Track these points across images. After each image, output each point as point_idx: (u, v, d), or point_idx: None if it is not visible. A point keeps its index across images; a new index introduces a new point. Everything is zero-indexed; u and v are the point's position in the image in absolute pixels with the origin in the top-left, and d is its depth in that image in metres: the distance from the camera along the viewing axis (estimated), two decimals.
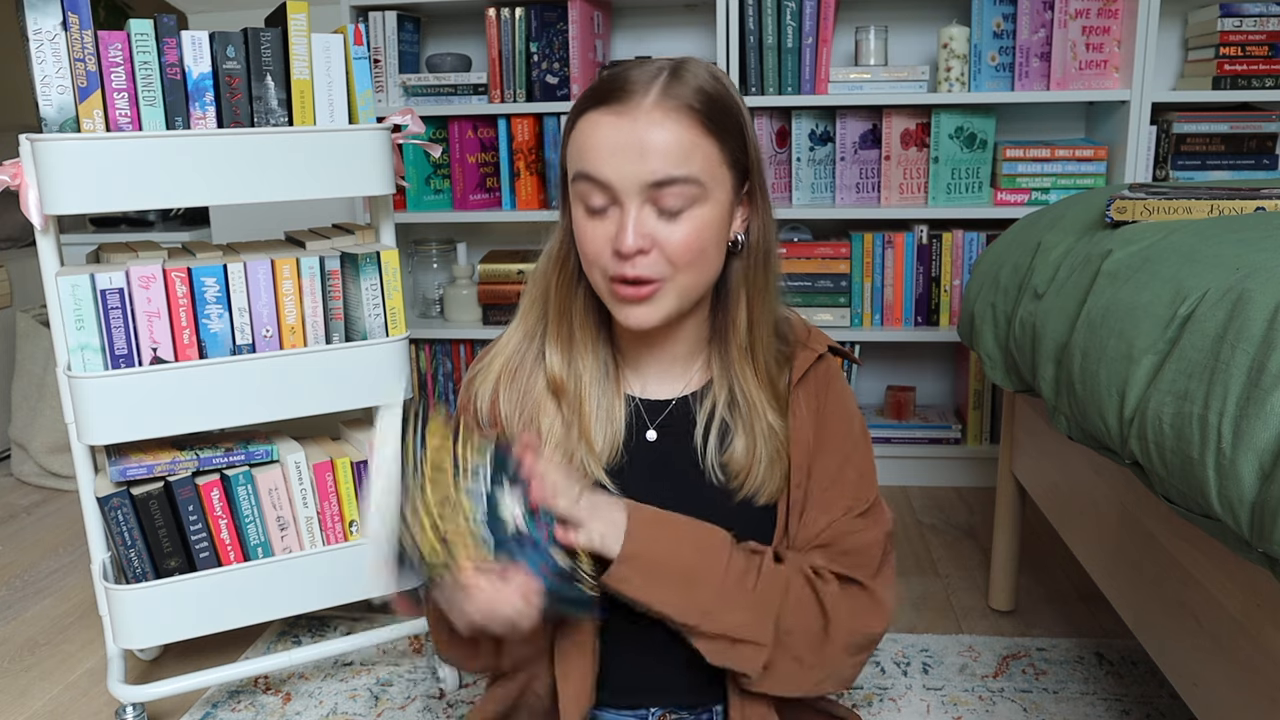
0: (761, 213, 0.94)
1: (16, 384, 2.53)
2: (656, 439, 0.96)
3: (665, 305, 0.88)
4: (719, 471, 0.94)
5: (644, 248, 0.85)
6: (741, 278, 0.94)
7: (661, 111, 0.84)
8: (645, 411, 0.97)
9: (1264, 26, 2.03)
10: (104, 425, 1.29)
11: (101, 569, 1.38)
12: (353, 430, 1.51)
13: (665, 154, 0.84)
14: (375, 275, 1.39)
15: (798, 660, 0.91)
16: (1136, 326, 0.96)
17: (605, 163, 0.84)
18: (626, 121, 0.84)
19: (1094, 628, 1.65)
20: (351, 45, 1.35)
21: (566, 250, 0.94)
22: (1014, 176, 2.18)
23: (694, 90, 0.85)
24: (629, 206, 0.85)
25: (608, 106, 0.85)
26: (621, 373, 0.98)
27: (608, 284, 0.88)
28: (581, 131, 0.87)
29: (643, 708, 1.00)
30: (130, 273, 1.27)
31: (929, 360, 2.49)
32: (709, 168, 0.86)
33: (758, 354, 0.95)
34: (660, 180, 0.84)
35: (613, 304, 0.90)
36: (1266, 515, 0.73)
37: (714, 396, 0.96)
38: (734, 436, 0.94)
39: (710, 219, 0.87)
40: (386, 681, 1.55)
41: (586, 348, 0.95)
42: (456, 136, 2.31)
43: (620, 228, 0.85)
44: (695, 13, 2.38)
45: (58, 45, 1.20)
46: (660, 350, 0.96)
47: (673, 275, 0.87)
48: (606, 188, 0.85)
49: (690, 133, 0.85)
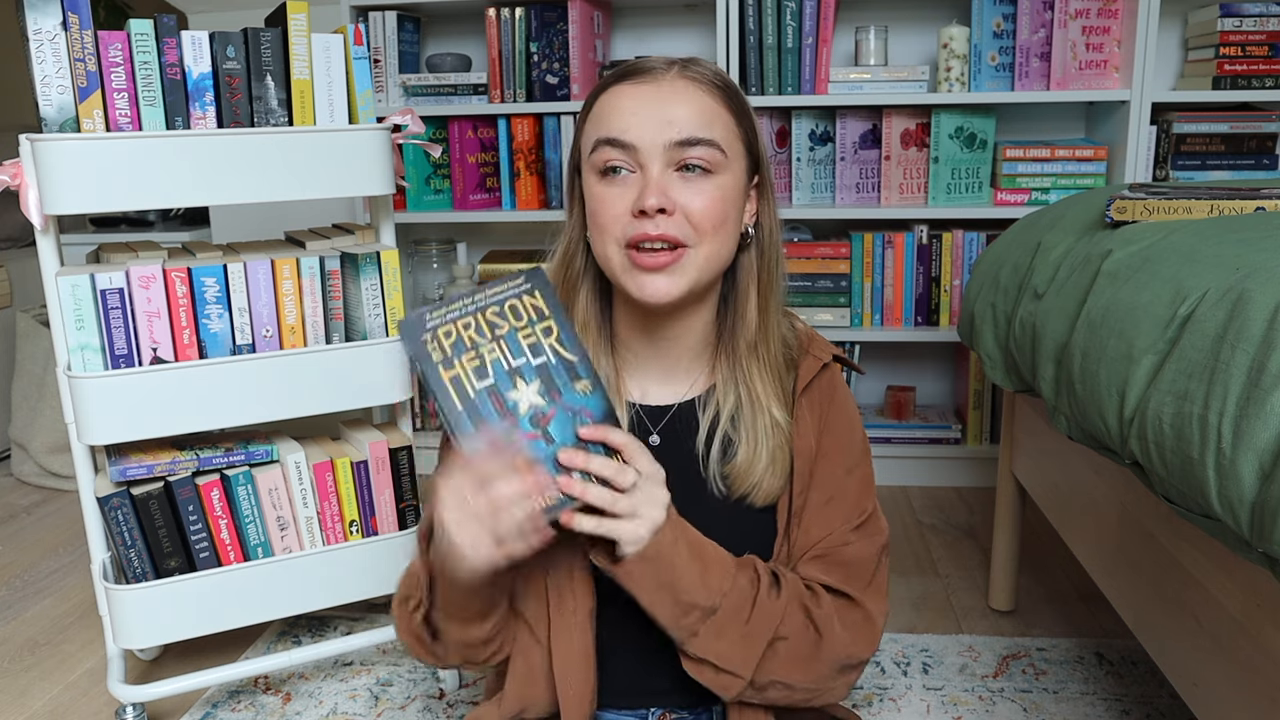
0: (771, 207, 0.95)
1: (16, 384, 2.53)
2: (659, 444, 0.96)
3: (685, 277, 0.87)
4: (720, 481, 0.94)
5: (666, 208, 0.85)
6: (752, 272, 0.94)
7: (685, 81, 0.88)
8: (647, 418, 0.96)
9: (1264, 26, 2.03)
10: (104, 425, 1.29)
11: (101, 569, 1.38)
12: (353, 430, 1.51)
13: (688, 116, 0.86)
14: (375, 275, 1.39)
15: (786, 685, 0.91)
16: (1136, 326, 0.96)
17: (629, 125, 0.86)
18: (650, 88, 0.87)
19: (1094, 628, 1.65)
20: (351, 45, 1.35)
21: (573, 251, 0.94)
22: (1014, 176, 2.18)
23: (712, 71, 0.90)
24: (651, 167, 0.86)
25: (630, 80, 0.88)
26: (622, 379, 0.97)
27: (624, 254, 0.87)
28: (602, 105, 0.89)
29: (642, 708, 1.00)
30: (130, 273, 1.27)
31: (929, 360, 2.49)
32: (729, 139, 0.88)
33: (766, 350, 0.95)
34: (685, 139, 0.85)
35: (628, 277, 0.88)
36: (1266, 515, 0.73)
37: (718, 401, 0.95)
38: (738, 443, 0.94)
39: (730, 188, 0.88)
40: (386, 681, 1.55)
41: (591, 352, 0.94)
42: (456, 136, 2.31)
43: (643, 187, 0.85)
44: (695, 13, 2.38)
45: (58, 45, 1.20)
46: (665, 349, 0.96)
47: (695, 243, 0.87)
48: (630, 149, 0.86)
49: (712, 102, 0.88)
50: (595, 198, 0.88)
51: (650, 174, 0.85)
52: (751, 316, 0.94)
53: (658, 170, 0.85)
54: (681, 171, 0.86)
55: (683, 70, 0.88)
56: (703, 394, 0.97)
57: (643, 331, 0.95)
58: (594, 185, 0.89)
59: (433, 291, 2.50)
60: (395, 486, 1.47)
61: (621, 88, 0.88)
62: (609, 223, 0.87)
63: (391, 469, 1.46)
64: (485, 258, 2.44)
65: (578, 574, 0.92)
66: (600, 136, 0.87)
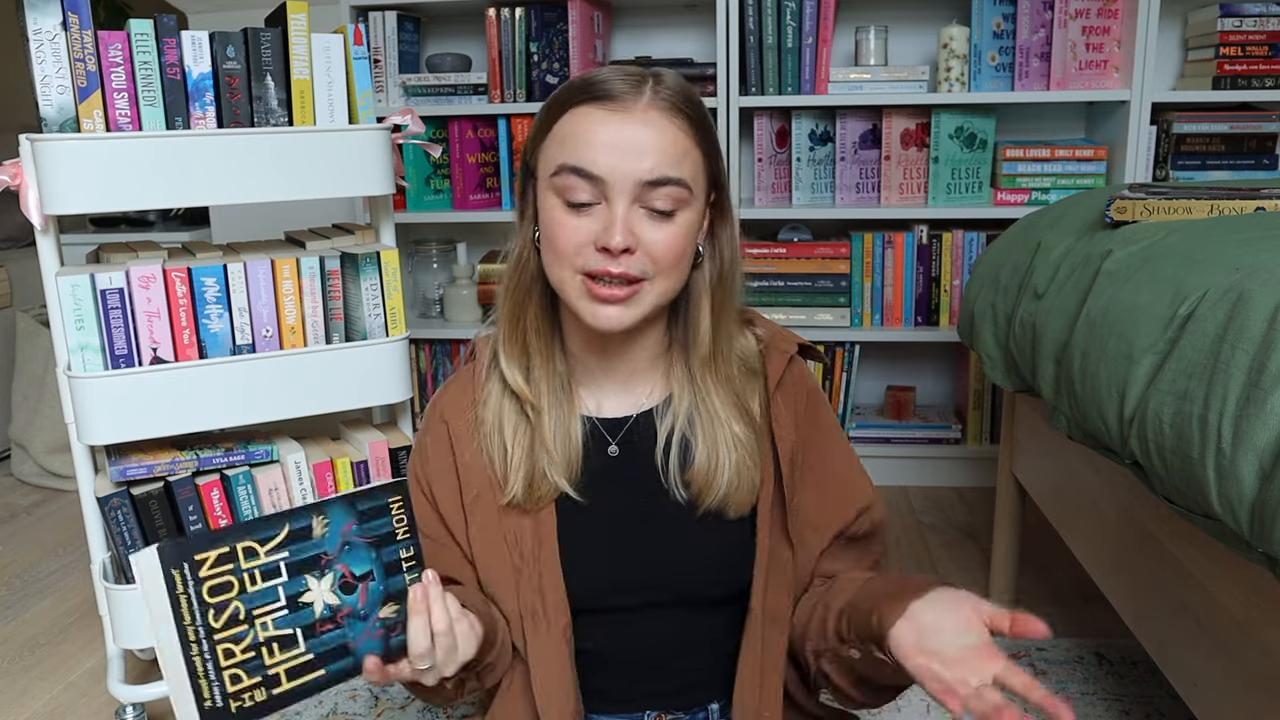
0: (729, 223, 0.92)
1: (16, 384, 2.53)
2: (619, 454, 0.94)
3: (641, 308, 0.86)
4: (682, 489, 0.92)
5: (631, 246, 0.83)
6: (705, 287, 0.92)
7: (657, 111, 0.84)
8: (605, 429, 0.95)
9: (1264, 26, 2.03)
10: (104, 425, 1.29)
11: (101, 569, 1.38)
12: (353, 430, 1.51)
13: (661, 153, 0.83)
14: (375, 275, 1.39)
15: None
16: (1136, 326, 0.96)
17: (599, 157, 0.83)
18: (621, 117, 0.83)
19: (1094, 628, 1.65)
20: (351, 45, 1.35)
21: (525, 257, 0.91)
22: (1014, 176, 2.18)
23: (680, 94, 0.85)
24: (618, 203, 0.83)
25: (600, 102, 0.84)
26: (575, 391, 0.95)
27: (580, 281, 0.85)
28: (568, 125, 0.85)
29: (637, 711, 1.00)
30: (130, 273, 1.27)
31: (929, 360, 2.49)
32: (696, 175, 0.86)
33: (720, 363, 0.93)
34: (656, 179, 0.83)
35: (582, 303, 0.86)
36: (1266, 515, 0.73)
37: (674, 410, 0.93)
38: (695, 451, 0.92)
39: (692, 225, 0.87)
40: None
41: (543, 356, 0.92)
42: (456, 136, 2.31)
43: (609, 224, 0.83)
44: (695, 13, 2.38)
45: (58, 45, 1.20)
46: (618, 365, 0.94)
47: (653, 276, 0.85)
48: (597, 182, 0.83)
49: (683, 136, 0.85)
50: (554, 222, 0.85)
51: (616, 211, 0.83)
52: (705, 330, 0.92)
53: (623, 208, 0.83)
54: (647, 210, 0.84)
55: (654, 96, 0.84)
56: (660, 403, 0.95)
57: (592, 347, 0.93)
58: (553, 208, 0.86)
59: (433, 292, 2.50)
60: None
61: (590, 111, 0.84)
62: (568, 250, 0.85)
63: (392, 469, 1.46)
64: (485, 257, 2.44)
65: (549, 592, 0.91)
66: (566, 163, 0.84)
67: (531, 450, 0.92)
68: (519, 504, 0.92)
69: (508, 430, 0.93)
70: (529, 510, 0.92)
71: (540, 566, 0.91)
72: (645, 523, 0.92)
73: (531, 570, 0.92)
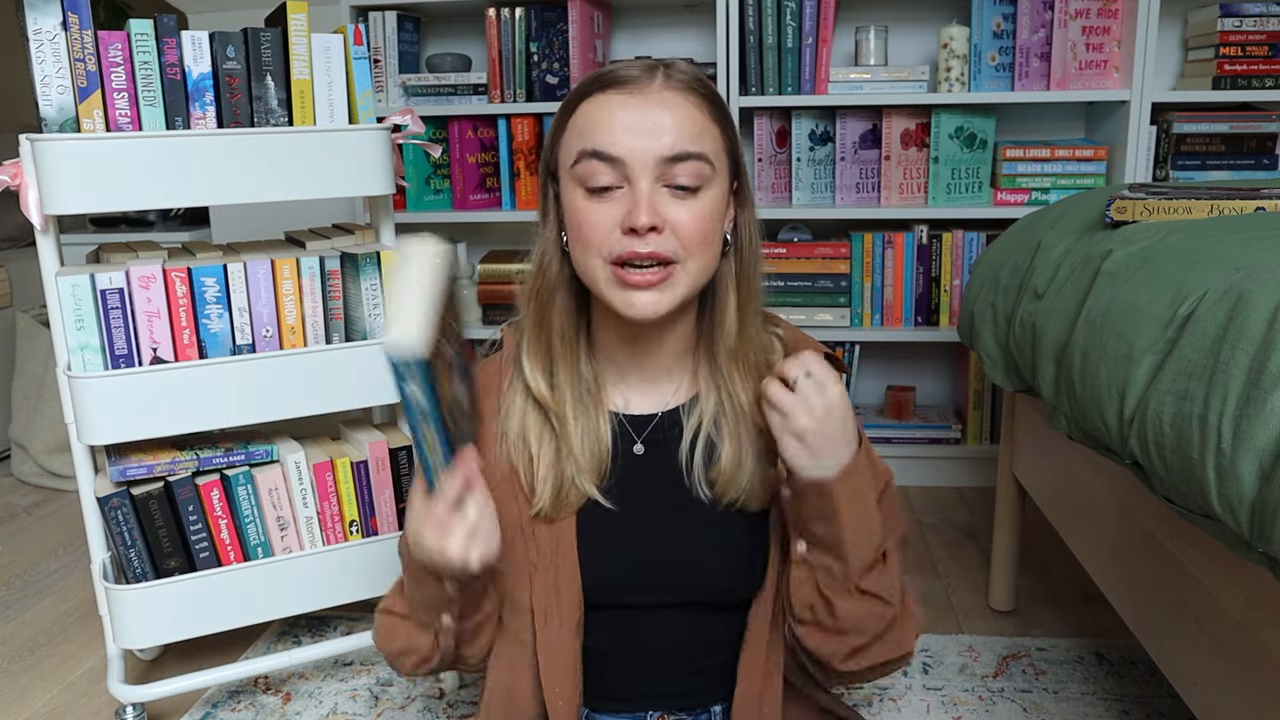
0: (749, 212, 0.93)
1: (16, 384, 2.53)
2: (644, 453, 0.95)
3: (674, 293, 0.86)
4: (706, 487, 0.93)
5: (657, 225, 0.83)
6: (731, 278, 0.92)
7: (672, 91, 0.85)
8: (631, 427, 0.95)
9: (1264, 26, 2.03)
10: (104, 425, 1.29)
11: (101, 569, 1.38)
12: (353, 430, 1.51)
13: (679, 129, 0.84)
14: (375, 275, 1.39)
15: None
16: (1136, 326, 0.96)
17: (617, 138, 0.83)
18: (637, 100, 0.84)
19: (1094, 628, 1.65)
20: (351, 45, 1.35)
21: (549, 258, 0.91)
22: (1014, 176, 2.18)
23: (694, 77, 0.87)
24: (641, 183, 0.83)
25: (614, 88, 0.85)
26: (604, 389, 0.95)
27: (610, 270, 0.85)
28: (585, 113, 0.86)
29: (640, 710, 1.00)
30: (130, 273, 1.27)
31: (929, 360, 2.49)
32: (716, 151, 0.87)
33: (746, 356, 0.93)
34: (676, 155, 0.83)
35: (615, 293, 0.86)
36: (1266, 515, 0.73)
37: (701, 409, 0.94)
38: (720, 450, 0.92)
39: (718, 204, 0.87)
40: (386, 681, 1.55)
41: (567, 361, 0.93)
42: (456, 136, 2.31)
43: (634, 204, 0.83)
44: (695, 13, 2.38)
45: (58, 45, 1.20)
46: (647, 360, 0.94)
47: (684, 259, 0.85)
48: (618, 164, 0.83)
49: (700, 113, 0.86)
50: (579, 211, 0.86)
51: (640, 190, 0.83)
52: (731, 322, 0.92)
53: (647, 186, 0.83)
54: (670, 187, 0.84)
55: (667, 78, 0.85)
56: (686, 402, 0.95)
57: (623, 341, 0.93)
58: (577, 198, 0.86)
59: None
60: (395, 486, 1.47)
61: (606, 97, 0.85)
62: (595, 238, 0.85)
63: (391, 469, 1.46)
64: (485, 258, 2.44)
65: (564, 586, 0.92)
66: (586, 148, 0.84)
67: (558, 459, 0.92)
68: (545, 515, 0.92)
69: (532, 439, 0.93)
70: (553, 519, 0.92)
71: (558, 560, 0.91)
72: (666, 523, 0.92)
73: (549, 564, 0.92)
